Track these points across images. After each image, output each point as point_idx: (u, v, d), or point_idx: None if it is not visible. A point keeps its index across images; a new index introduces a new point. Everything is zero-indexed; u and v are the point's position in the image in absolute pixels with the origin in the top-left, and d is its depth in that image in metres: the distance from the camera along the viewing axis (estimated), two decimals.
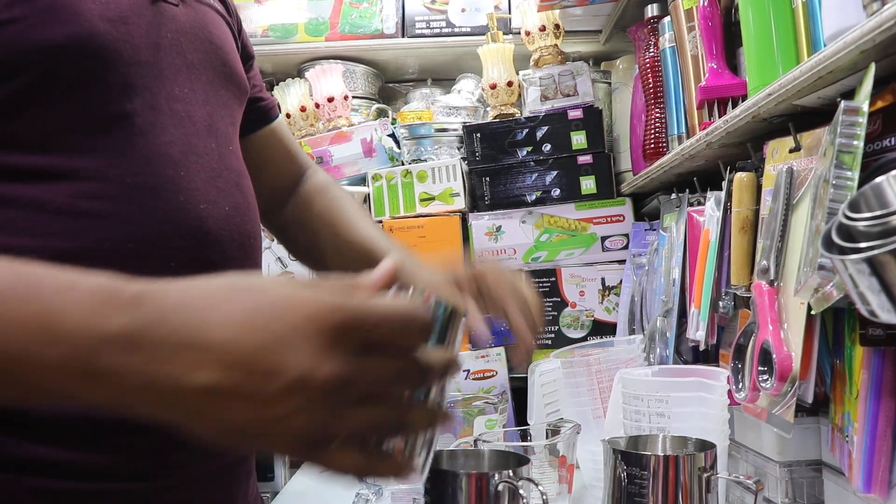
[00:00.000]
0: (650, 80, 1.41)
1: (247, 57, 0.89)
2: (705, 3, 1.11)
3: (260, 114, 0.92)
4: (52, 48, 0.59)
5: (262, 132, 0.92)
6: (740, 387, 0.92)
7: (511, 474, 0.81)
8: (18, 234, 0.58)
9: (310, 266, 1.00)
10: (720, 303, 1.05)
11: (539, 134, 1.69)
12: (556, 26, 1.74)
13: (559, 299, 1.66)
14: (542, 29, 1.73)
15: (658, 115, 1.39)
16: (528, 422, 1.32)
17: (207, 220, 0.66)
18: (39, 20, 0.59)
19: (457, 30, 1.89)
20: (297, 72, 1.98)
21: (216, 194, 0.68)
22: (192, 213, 0.65)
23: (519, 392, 1.57)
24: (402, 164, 1.78)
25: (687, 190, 1.30)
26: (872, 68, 0.69)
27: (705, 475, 0.82)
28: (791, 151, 0.87)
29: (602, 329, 1.65)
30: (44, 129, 0.60)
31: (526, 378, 1.39)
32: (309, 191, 0.97)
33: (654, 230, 1.53)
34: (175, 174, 0.65)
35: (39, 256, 0.50)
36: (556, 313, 1.66)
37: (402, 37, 1.90)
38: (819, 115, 0.82)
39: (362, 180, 1.78)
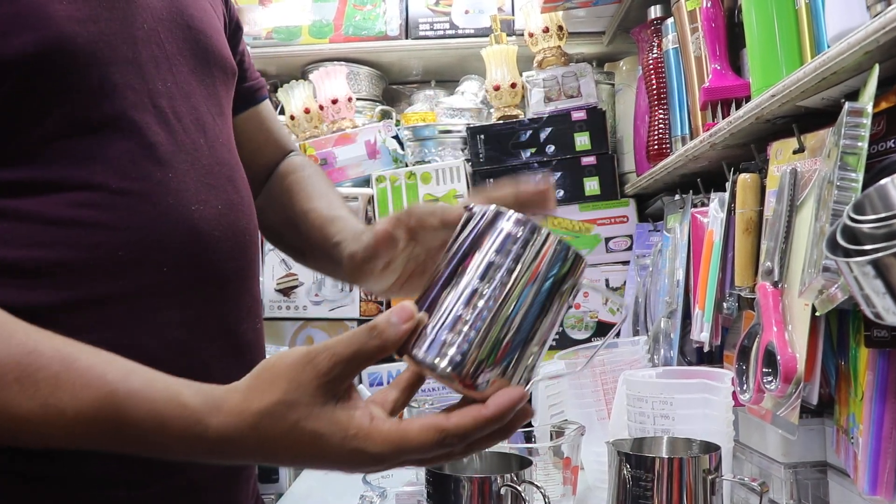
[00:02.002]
0: (653, 82, 1.41)
1: (235, 29, 0.85)
2: (708, 5, 1.10)
3: (245, 96, 0.87)
4: (23, 59, 0.56)
5: (244, 114, 0.87)
6: (745, 388, 0.92)
7: (513, 477, 0.81)
8: (12, 247, 0.56)
9: (285, 251, 0.92)
10: (724, 304, 1.05)
11: (542, 135, 1.69)
12: (560, 28, 1.74)
13: None
14: (546, 30, 1.73)
15: (661, 116, 1.39)
16: (533, 423, 1.32)
17: (200, 221, 0.64)
18: (6, 30, 0.56)
19: (460, 31, 1.89)
20: (301, 74, 1.98)
21: (208, 193, 0.66)
22: (183, 216, 0.63)
23: None
24: (406, 166, 1.78)
25: (691, 191, 1.30)
26: (876, 69, 0.68)
27: (710, 477, 0.82)
28: (795, 153, 0.87)
29: (606, 330, 1.64)
30: (27, 141, 0.58)
31: None
32: (282, 170, 0.90)
33: (658, 231, 1.53)
34: (163, 176, 0.63)
35: (34, 268, 0.50)
36: None
37: (406, 38, 1.90)
38: (823, 117, 0.82)
39: (366, 182, 1.79)
